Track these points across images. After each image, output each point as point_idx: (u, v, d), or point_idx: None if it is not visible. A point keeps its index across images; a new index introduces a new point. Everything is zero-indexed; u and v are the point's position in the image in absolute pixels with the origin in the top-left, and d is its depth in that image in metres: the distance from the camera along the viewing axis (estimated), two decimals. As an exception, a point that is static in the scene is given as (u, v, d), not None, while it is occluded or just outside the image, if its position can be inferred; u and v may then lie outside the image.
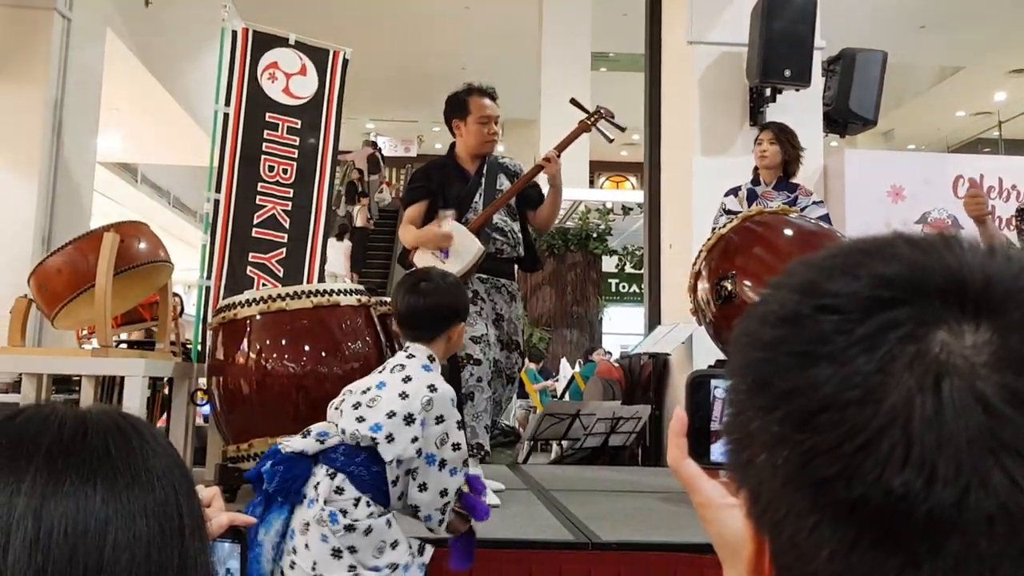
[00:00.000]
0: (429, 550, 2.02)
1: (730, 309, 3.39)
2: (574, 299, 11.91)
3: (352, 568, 1.87)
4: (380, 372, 2.11)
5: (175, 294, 4.50)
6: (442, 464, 1.98)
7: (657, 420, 6.10)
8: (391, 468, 1.93)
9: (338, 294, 3.36)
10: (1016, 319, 0.38)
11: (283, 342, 3.26)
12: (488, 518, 2.08)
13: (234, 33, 4.64)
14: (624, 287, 17.28)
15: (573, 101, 3.95)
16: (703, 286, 3.60)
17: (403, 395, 1.97)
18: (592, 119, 3.84)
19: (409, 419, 1.94)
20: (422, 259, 3.60)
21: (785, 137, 4.10)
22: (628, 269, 13.31)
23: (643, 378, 6.52)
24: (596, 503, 3.48)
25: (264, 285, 4.32)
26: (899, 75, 14.07)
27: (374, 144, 16.19)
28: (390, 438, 1.94)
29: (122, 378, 3.30)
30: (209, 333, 3.55)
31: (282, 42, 4.74)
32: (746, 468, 0.44)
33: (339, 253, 13.19)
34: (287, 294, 3.30)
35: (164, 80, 9.17)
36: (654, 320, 6.44)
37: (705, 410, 0.69)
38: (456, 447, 2.01)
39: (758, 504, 0.44)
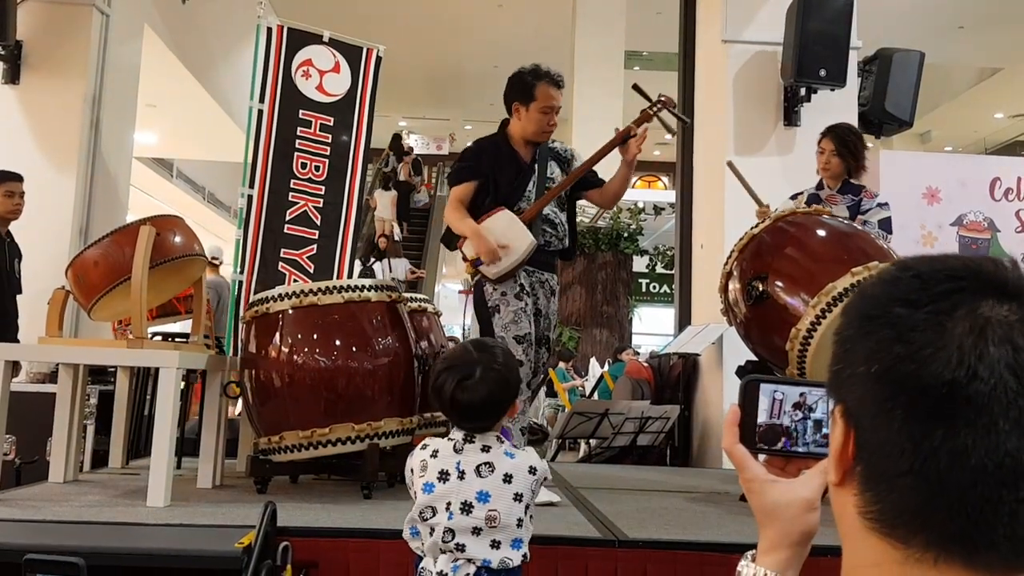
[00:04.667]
0: None
1: (761, 309, 3.36)
2: (604, 299, 11.88)
3: None
4: (460, 477, 1.89)
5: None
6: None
7: (686, 420, 6.07)
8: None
9: (368, 290, 3.39)
10: None
11: (314, 336, 3.29)
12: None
13: (269, 30, 4.68)
14: (655, 287, 17.22)
15: (636, 87, 3.83)
16: (734, 286, 3.57)
17: (518, 497, 1.89)
18: (655, 108, 3.74)
19: (528, 508, 1.92)
20: (471, 248, 3.55)
21: (846, 148, 3.98)
22: (659, 269, 13.25)
23: (672, 378, 6.49)
24: (623, 501, 3.47)
25: (295, 280, 4.37)
26: (937, 76, 13.87)
27: (410, 150, 16.39)
28: (527, 532, 1.93)
29: (157, 369, 3.34)
30: (241, 326, 3.59)
31: (316, 39, 4.78)
32: (848, 381, 0.63)
33: (387, 201, 14.46)
34: (319, 289, 3.33)
35: (200, 76, 9.27)
36: (684, 320, 6.40)
37: (754, 406, 0.84)
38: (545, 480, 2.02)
39: (851, 404, 0.63)
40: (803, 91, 5.49)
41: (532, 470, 1.91)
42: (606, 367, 9.84)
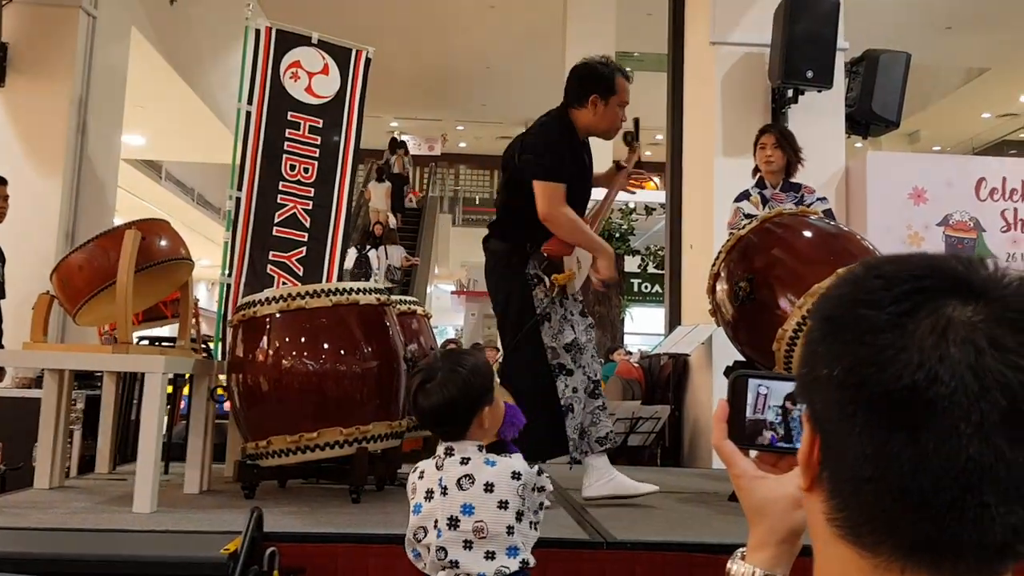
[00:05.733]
0: None
1: (748, 310, 3.37)
2: (596, 298, 11.86)
3: None
4: (443, 493, 1.89)
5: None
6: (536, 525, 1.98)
7: (676, 420, 6.08)
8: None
9: (357, 293, 3.37)
10: (997, 301, 0.58)
11: (302, 340, 3.28)
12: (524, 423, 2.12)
13: (257, 32, 4.66)
14: (647, 287, 17.21)
15: (636, 121, 3.83)
16: (721, 287, 3.58)
17: (503, 504, 1.86)
18: (635, 144, 3.82)
19: (520, 514, 1.89)
20: (603, 265, 3.39)
21: (786, 141, 4.18)
22: (651, 269, 13.25)
23: (663, 378, 6.50)
24: (612, 503, 3.46)
25: (284, 283, 4.36)
26: (925, 77, 13.92)
27: (403, 143, 16.57)
28: (523, 537, 1.90)
29: (143, 374, 3.33)
30: (229, 330, 3.58)
31: (305, 41, 4.76)
32: (812, 384, 0.62)
33: (381, 192, 14.74)
34: (307, 292, 3.32)
35: (188, 78, 9.24)
36: (674, 320, 6.41)
37: (742, 402, 0.83)
38: (542, 489, 1.99)
39: (816, 408, 0.62)
40: (790, 92, 5.50)
41: (516, 475, 1.89)
42: (597, 368, 9.82)
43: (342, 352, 3.28)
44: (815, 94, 5.47)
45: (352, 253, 13.31)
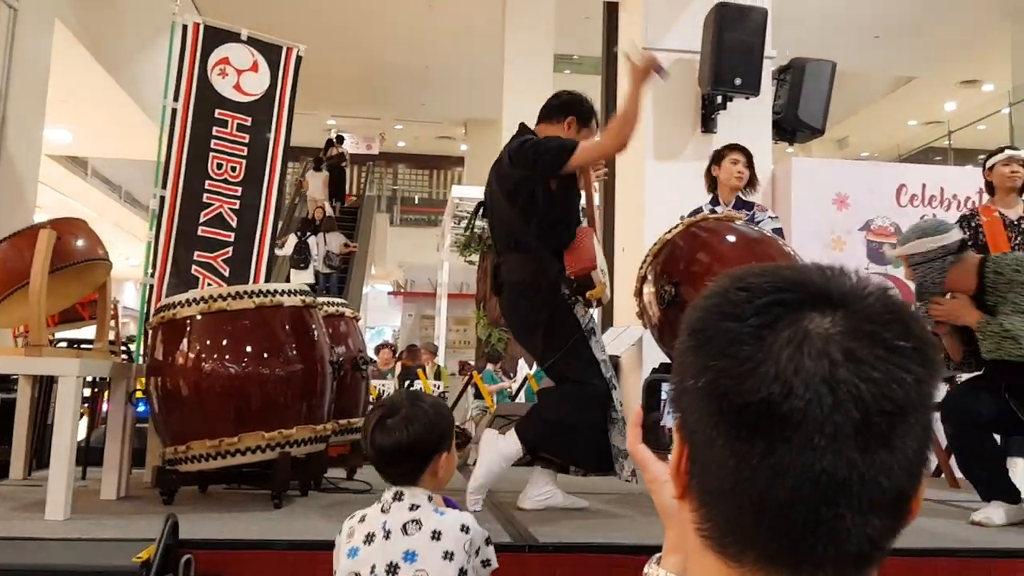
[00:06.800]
0: None
1: (674, 312, 3.42)
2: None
3: None
4: (386, 537, 1.78)
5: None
6: None
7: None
8: None
9: (281, 295, 3.33)
10: (856, 313, 0.59)
11: (224, 343, 3.22)
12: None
13: (184, 27, 4.57)
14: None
15: None
16: (648, 290, 3.62)
17: (448, 555, 1.76)
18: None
19: (463, 572, 1.78)
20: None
21: (751, 161, 4.40)
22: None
23: (594, 380, 6.54)
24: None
25: (209, 284, 4.28)
26: (854, 84, 14.32)
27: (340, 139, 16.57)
28: None
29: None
30: (148, 332, 3.50)
31: (234, 37, 4.68)
32: (681, 395, 0.63)
33: (319, 182, 14.84)
34: (229, 294, 3.26)
35: (115, 73, 9.00)
36: (607, 322, 6.47)
37: (657, 406, 0.85)
38: (487, 563, 1.87)
39: (685, 418, 0.63)
40: (719, 99, 5.60)
41: (464, 528, 1.79)
42: (532, 369, 9.87)
43: (265, 355, 3.23)
44: (743, 101, 5.57)
45: (292, 239, 13.39)
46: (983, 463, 3.36)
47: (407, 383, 9.98)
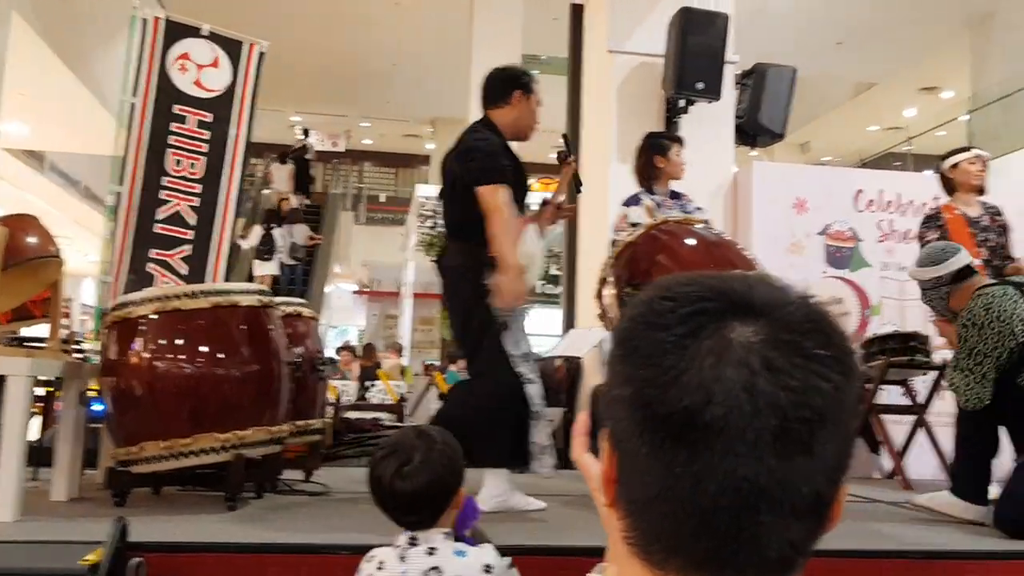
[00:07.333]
0: None
1: (633, 316, 3.43)
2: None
3: None
4: None
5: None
6: None
7: (570, 423, 6.15)
8: None
9: (238, 294, 3.29)
10: (777, 322, 0.60)
11: (178, 342, 3.18)
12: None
13: (144, 21, 4.50)
14: (551, 288, 17.37)
15: (565, 137, 3.93)
16: (608, 291, 3.64)
17: None
18: (571, 161, 3.87)
19: None
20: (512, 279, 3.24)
21: None
22: (553, 271, 13.37)
23: (556, 381, 6.56)
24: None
25: (166, 283, 4.22)
26: (816, 89, 14.49)
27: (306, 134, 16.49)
28: None
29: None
30: (102, 331, 3.45)
31: (194, 32, 4.62)
32: (611, 403, 0.63)
33: (284, 174, 14.83)
34: (184, 293, 3.22)
35: (74, 67, 8.86)
36: (569, 323, 6.49)
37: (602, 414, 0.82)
38: None
39: (614, 426, 0.63)
40: (682, 102, 5.64)
41: (487, 568, 1.72)
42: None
43: (220, 355, 3.20)
44: (705, 105, 5.62)
45: (258, 231, 13.32)
46: (974, 452, 3.36)
47: (366, 383, 9.96)
